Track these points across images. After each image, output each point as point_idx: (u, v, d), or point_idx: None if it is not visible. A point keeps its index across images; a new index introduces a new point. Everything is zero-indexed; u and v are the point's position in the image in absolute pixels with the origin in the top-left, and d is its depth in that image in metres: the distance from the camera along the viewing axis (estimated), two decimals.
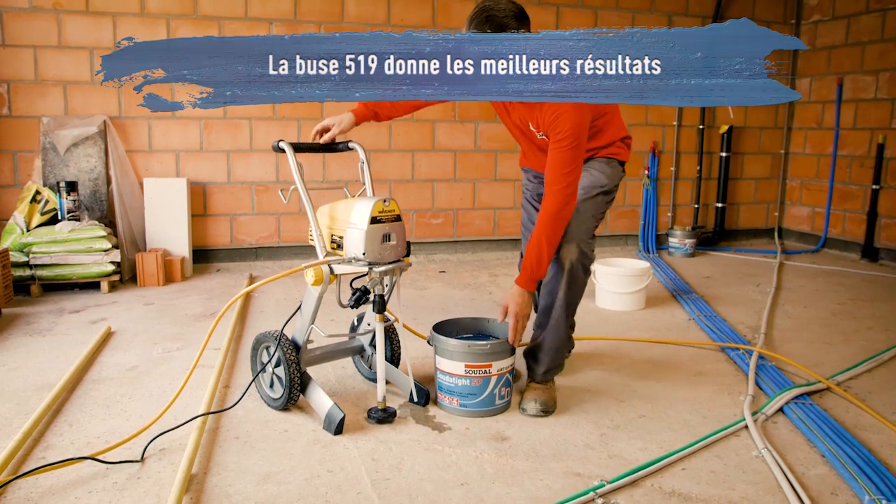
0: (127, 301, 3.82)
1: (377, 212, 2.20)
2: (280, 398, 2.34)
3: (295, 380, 2.29)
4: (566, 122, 2.19)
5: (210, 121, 4.62)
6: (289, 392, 2.30)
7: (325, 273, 2.20)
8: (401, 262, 2.29)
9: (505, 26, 2.11)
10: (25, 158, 4.34)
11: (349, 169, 4.88)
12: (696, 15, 5.54)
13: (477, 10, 2.14)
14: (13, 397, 2.47)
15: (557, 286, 2.39)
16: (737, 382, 2.71)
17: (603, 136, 2.44)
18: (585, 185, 2.42)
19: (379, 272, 2.22)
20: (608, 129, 2.45)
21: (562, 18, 5.20)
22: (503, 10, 2.14)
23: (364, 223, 2.18)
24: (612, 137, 2.47)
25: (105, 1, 4.33)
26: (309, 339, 2.38)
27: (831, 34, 5.60)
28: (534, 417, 2.36)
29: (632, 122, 5.48)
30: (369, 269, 2.22)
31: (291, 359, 2.28)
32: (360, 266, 2.22)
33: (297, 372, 2.29)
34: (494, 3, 2.15)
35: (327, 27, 4.71)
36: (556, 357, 2.49)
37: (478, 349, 2.30)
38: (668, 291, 4.20)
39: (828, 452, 2.08)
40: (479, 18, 2.12)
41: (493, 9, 2.13)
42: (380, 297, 2.28)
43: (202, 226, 4.72)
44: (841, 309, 3.84)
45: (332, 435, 2.19)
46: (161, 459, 2.03)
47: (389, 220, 2.23)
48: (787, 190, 6.09)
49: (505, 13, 2.13)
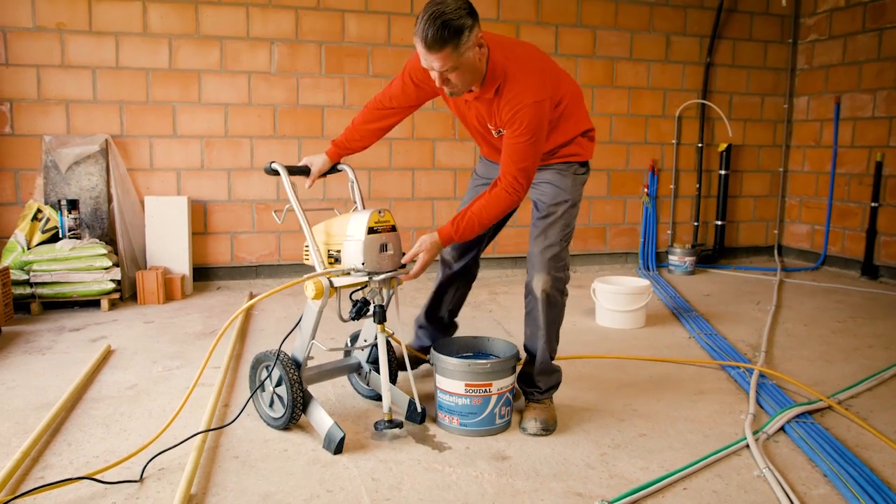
0: (127, 319, 3.82)
1: (373, 222, 2.25)
2: (281, 417, 2.33)
3: (297, 399, 2.28)
4: (524, 119, 2.13)
5: (211, 139, 4.64)
6: (291, 411, 2.29)
7: (324, 286, 2.20)
8: (399, 271, 2.31)
9: (462, 27, 1.98)
10: (27, 176, 4.35)
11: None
12: (695, 34, 5.59)
13: (428, 15, 1.96)
14: (12, 416, 2.46)
15: (538, 314, 2.42)
16: (738, 401, 2.70)
17: (562, 130, 2.35)
18: (547, 202, 2.41)
19: (378, 281, 2.24)
20: (568, 121, 2.35)
21: (560, 38, 5.25)
22: (454, 9, 1.97)
23: (361, 233, 2.22)
24: (573, 131, 2.38)
25: (108, 21, 4.37)
26: (309, 356, 2.38)
27: (828, 53, 5.64)
28: (534, 436, 2.36)
29: (630, 141, 5.52)
30: (369, 279, 2.23)
31: (294, 378, 2.27)
32: (359, 277, 2.24)
33: (299, 391, 2.28)
34: (442, 4, 1.98)
35: (328, 47, 4.75)
36: (551, 377, 2.51)
37: (478, 368, 2.30)
38: (669, 309, 4.20)
39: (830, 472, 2.07)
40: (434, 25, 1.95)
41: (444, 12, 1.96)
42: (380, 307, 2.29)
43: (203, 244, 4.72)
44: (841, 327, 3.84)
45: (331, 454, 2.18)
46: (160, 479, 2.02)
47: (386, 230, 2.28)
48: (787, 208, 6.10)
49: (458, 12, 1.97)
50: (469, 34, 2.00)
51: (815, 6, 5.74)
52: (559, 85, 2.30)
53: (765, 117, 5.93)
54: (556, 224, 2.40)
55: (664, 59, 5.54)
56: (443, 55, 1.99)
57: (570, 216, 2.43)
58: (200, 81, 4.58)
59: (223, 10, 4.55)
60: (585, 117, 2.45)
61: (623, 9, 5.37)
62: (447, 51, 1.98)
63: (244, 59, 4.63)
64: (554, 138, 2.35)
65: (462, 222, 2.27)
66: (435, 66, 2.04)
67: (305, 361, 2.36)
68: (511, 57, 2.16)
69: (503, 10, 5.08)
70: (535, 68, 2.19)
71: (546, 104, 2.17)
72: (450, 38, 1.96)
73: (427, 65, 2.06)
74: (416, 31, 2.00)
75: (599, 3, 5.30)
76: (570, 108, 2.36)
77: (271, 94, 4.71)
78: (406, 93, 2.43)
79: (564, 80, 2.36)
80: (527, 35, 5.14)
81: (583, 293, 4.50)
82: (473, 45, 2.03)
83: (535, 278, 2.39)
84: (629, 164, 5.57)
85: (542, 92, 2.15)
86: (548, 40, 5.21)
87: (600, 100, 5.41)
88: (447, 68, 2.03)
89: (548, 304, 2.39)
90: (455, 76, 2.07)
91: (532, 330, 2.48)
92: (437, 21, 1.94)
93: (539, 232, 2.41)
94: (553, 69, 2.31)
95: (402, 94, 2.43)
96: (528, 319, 2.49)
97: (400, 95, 2.44)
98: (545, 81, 2.19)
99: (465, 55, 2.02)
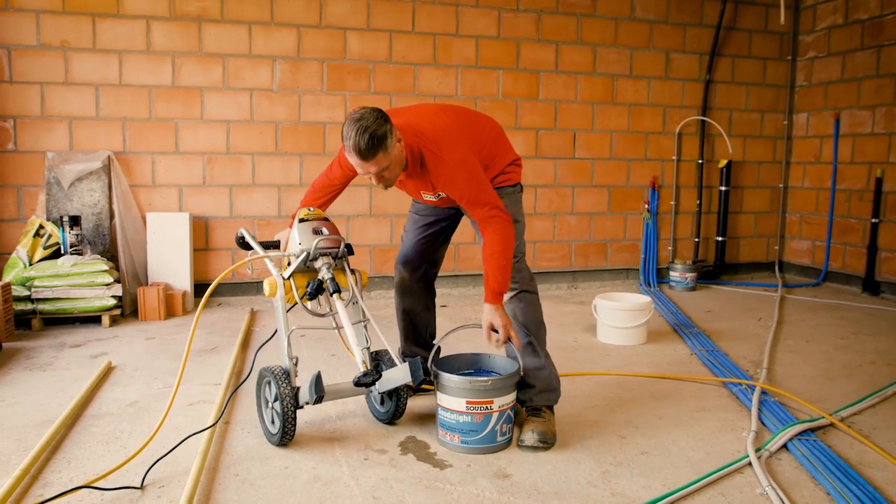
0: (128, 335, 3.82)
1: (303, 215, 2.52)
2: (277, 433, 2.35)
3: (289, 415, 2.28)
4: (461, 183, 2.35)
5: (213, 156, 4.66)
6: (283, 426, 2.30)
7: (277, 281, 2.39)
8: (339, 249, 2.47)
9: (386, 133, 2.21)
10: (30, 193, 4.37)
11: (350, 204, 4.91)
12: (694, 52, 5.62)
13: (355, 131, 2.19)
14: (12, 433, 2.46)
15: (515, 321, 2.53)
16: (739, 418, 2.70)
17: (490, 169, 2.54)
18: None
19: (318, 254, 2.42)
20: (494, 160, 2.56)
21: (561, 56, 5.28)
22: (374, 120, 2.21)
23: (295, 225, 2.50)
24: (500, 166, 2.59)
25: (111, 39, 4.41)
26: (293, 357, 2.39)
27: (827, 70, 5.67)
28: (533, 450, 2.36)
29: (631, 158, 5.54)
30: (309, 257, 2.40)
31: (285, 392, 2.28)
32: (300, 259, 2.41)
33: (291, 406, 2.29)
34: (363, 119, 2.21)
35: (330, 64, 4.78)
36: (543, 379, 2.54)
37: (479, 385, 2.30)
38: (670, 326, 4.19)
39: (833, 490, 2.06)
40: (364, 137, 2.18)
41: (368, 125, 2.19)
42: (330, 279, 2.39)
43: (204, 260, 4.73)
44: (843, 343, 3.83)
45: (331, 473, 2.17)
46: (160, 497, 2.01)
47: (317, 219, 2.52)
48: (787, 223, 6.11)
49: (378, 122, 2.21)
50: (391, 136, 2.24)
51: (814, 24, 5.78)
52: (473, 130, 2.53)
53: (765, 133, 5.95)
54: None
55: (664, 75, 5.57)
56: (377, 160, 2.24)
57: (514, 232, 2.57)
58: (203, 98, 4.61)
59: (226, 28, 4.59)
60: (509, 151, 2.67)
61: (623, 26, 5.41)
62: (379, 156, 2.23)
63: (246, 76, 4.66)
64: (486, 175, 2.53)
65: (496, 282, 2.37)
66: (371, 170, 2.27)
67: (294, 365, 2.38)
68: (418, 134, 2.37)
69: (504, 28, 5.12)
70: (443, 133, 2.40)
71: (468, 156, 2.38)
72: (379, 144, 2.21)
73: (363, 171, 2.31)
74: (348, 147, 2.23)
75: (599, 21, 5.34)
76: (493, 149, 2.57)
77: (273, 111, 4.74)
78: (342, 175, 2.68)
79: (480, 125, 2.60)
80: (527, 52, 5.18)
81: (584, 310, 4.50)
82: (395, 143, 2.28)
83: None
84: (630, 181, 5.59)
85: (457, 150, 2.37)
86: (548, 57, 5.25)
87: (601, 116, 5.43)
88: (381, 169, 2.27)
89: (521, 302, 2.53)
90: (388, 172, 2.32)
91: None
92: (365, 134, 2.18)
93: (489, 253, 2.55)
94: (460, 119, 2.54)
95: (340, 175, 2.68)
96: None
97: (339, 176, 2.69)
98: (456, 139, 2.41)
99: (392, 154, 2.27)
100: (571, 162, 5.42)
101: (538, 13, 5.19)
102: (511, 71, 5.18)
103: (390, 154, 2.25)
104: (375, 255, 5.04)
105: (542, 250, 5.41)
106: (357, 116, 2.22)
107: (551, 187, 5.38)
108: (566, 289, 5.44)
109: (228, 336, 3.80)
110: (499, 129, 2.66)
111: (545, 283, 5.36)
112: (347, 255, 2.51)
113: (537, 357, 2.54)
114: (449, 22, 5.01)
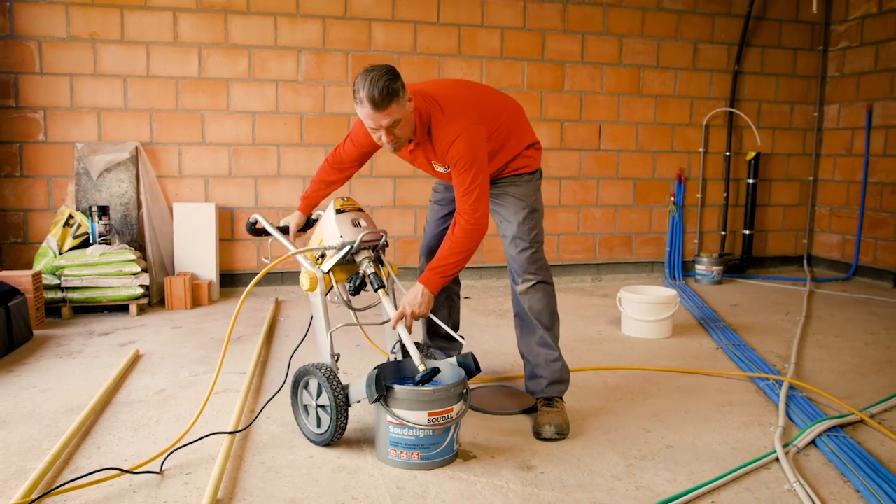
0: (155, 324, 3.87)
1: (339, 206, 2.43)
2: (325, 432, 2.27)
3: (342, 414, 2.22)
4: (459, 148, 2.30)
5: (239, 147, 4.69)
6: (334, 427, 2.23)
7: (317, 276, 2.33)
8: (380, 240, 2.43)
9: (398, 86, 2.18)
10: (59, 183, 4.43)
11: (374, 194, 4.92)
12: (723, 42, 5.54)
13: (367, 81, 2.15)
14: (43, 419, 2.51)
15: (524, 310, 2.56)
16: (767, 413, 2.66)
17: (508, 148, 2.51)
18: (508, 212, 2.55)
19: (360, 247, 2.34)
20: (510, 139, 2.51)
21: (587, 47, 5.23)
22: (385, 72, 2.17)
23: (331, 216, 2.41)
24: (517, 147, 2.54)
25: (139, 31, 4.45)
26: (335, 353, 2.33)
27: (860, 60, 5.56)
28: (551, 441, 2.37)
29: (657, 150, 5.48)
30: (351, 249, 2.33)
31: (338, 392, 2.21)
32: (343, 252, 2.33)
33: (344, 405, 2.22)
34: (375, 71, 2.17)
35: (355, 56, 4.78)
36: (556, 371, 2.55)
37: (442, 394, 2.13)
38: (696, 319, 4.15)
39: (862, 487, 2.03)
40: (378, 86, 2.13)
41: (380, 76, 2.15)
42: (373, 274, 2.36)
43: (230, 250, 4.77)
44: (874, 339, 3.77)
45: (357, 462, 2.18)
46: (187, 484, 2.04)
47: (353, 210, 2.45)
48: (817, 217, 6.01)
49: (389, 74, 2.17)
50: (403, 91, 2.21)
51: (847, 13, 5.67)
52: (488, 105, 2.48)
53: (794, 125, 5.85)
54: (521, 229, 2.53)
55: (691, 66, 5.50)
56: (389, 111, 2.18)
57: (532, 220, 2.56)
58: (229, 89, 4.64)
59: (252, 20, 4.61)
60: (528, 132, 2.62)
61: (650, 17, 5.34)
62: (392, 106, 2.18)
63: (272, 67, 4.68)
64: (501, 157, 2.51)
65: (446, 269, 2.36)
66: (384, 122, 2.21)
67: (334, 357, 2.32)
68: (429, 99, 2.35)
69: (529, 18, 5.08)
70: (453, 101, 2.37)
71: (473, 127, 2.33)
72: (393, 94, 2.17)
73: (375, 124, 2.23)
74: (360, 99, 2.18)
75: (626, 11, 5.28)
76: (509, 128, 2.52)
77: (298, 101, 4.75)
78: (355, 151, 2.65)
79: (497, 102, 2.55)
80: (552, 43, 5.14)
81: (608, 302, 4.47)
82: (407, 101, 2.24)
83: (518, 280, 2.56)
84: (655, 173, 5.53)
85: (463, 119, 2.33)
86: (574, 48, 5.20)
87: (626, 108, 5.38)
88: (393, 122, 2.22)
89: (535, 296, 2.54)
90: (399, 129, 2.26)
91: (523, 329, 2.61)
92: (379, 82, 2.14)
93: (509, 241, 2.56)
94: (475, 93, 2.51)
95: (352, 151, 2.65)
96: (518, 321, 2.63)
97: (351, 153, 2.66)
98: (465, 109, 2.37)
99: (405, 108, 2.23)
100: (597, 154, 5.37)
101: (564, 3, 5.14)
102: (536, 62, 5.15)
103: (403, 107, 2.21)
104: (400, 246, 5.05)
105: (567, 242, 5.38)
106: (369, 69, 2.19)
107: (576, 179, 5.35)
108: (590, 281, 5.40)
109: (253, 325, 3.83)
110: (518, 109, 2.62)
111: (569, 276, 5.33)
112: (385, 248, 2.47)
113: (552, 349, 2.56)
114: (474, 12, 4.98)
